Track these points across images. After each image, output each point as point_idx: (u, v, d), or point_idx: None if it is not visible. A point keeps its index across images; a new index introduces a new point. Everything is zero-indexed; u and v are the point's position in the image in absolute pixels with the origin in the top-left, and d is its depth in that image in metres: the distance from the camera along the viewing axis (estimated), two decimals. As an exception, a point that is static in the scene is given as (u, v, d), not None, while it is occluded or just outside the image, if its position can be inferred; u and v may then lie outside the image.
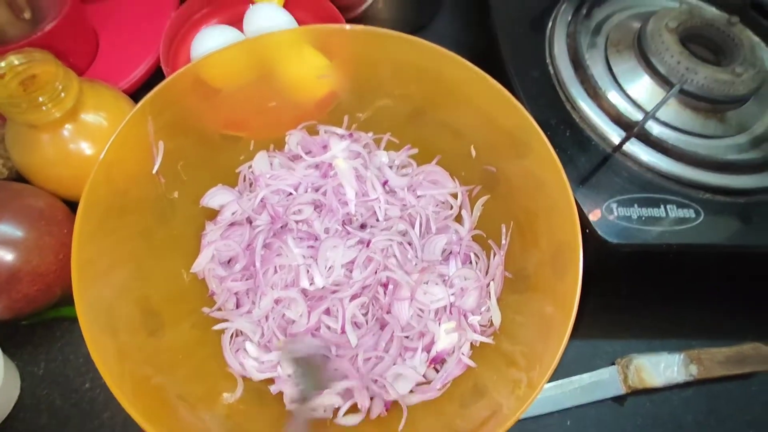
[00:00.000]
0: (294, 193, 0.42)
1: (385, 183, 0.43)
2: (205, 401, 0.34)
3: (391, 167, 0.45)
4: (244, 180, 0.44)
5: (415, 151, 0.45)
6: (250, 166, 0.44)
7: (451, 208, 0.44)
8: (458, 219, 0.44)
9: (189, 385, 0.34)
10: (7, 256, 0.37)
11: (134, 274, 0.35)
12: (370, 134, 0.45)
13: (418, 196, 0.43)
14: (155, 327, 0.34)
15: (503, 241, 0.40)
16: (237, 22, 0.52)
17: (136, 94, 0.51)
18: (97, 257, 0.32)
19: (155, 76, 0.53)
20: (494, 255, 0.40)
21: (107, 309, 0.32)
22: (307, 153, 0.44)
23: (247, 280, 0.40)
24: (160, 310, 0.36)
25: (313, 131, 0.45)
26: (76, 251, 0.31)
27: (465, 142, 0.41)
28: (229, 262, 0.42)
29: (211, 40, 0.49)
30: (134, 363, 0.31)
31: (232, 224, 0.42)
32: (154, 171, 0.37)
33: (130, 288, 0.34)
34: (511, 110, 0.36)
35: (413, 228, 0.41)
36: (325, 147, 0.44)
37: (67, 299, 0.42)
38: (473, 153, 0.41)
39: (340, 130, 0.45)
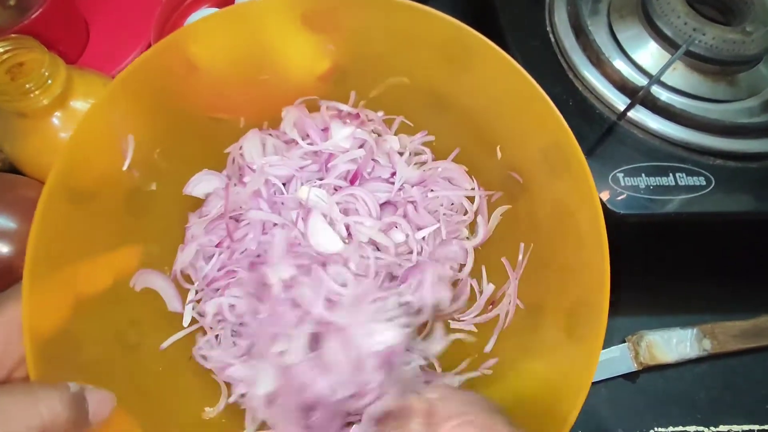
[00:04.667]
0: (284, 191, 0.37)
1: (392, 174, 0.38)
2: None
3: (401, 154, 0.39)
4: (233, 162, 0.39)
5: (431, 138, 0.40)
6: (240, 147, 0.39)
7: (466, 213, 0.38)
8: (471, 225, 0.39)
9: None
10: (2, 247, 0.37)
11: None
12: (380, 113, 0.39)
13: (430, 193, 0.38)
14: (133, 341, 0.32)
15: (520, 258, 0.34)
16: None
17: (128, 82, 0.50)
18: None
19: (148, 63, 0.52)
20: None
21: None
22: (305, 137, 0.39)
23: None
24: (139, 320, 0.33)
25: (314, 108, 0.39)
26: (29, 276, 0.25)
27: (490, 140, 0.35)
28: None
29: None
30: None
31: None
32: (124, 168, 0.32)
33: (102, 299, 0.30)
34: (547, 118, 0.30)
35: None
36: (325, 130, 0.38)
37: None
38: (498, 155, 0.35)
39: (344, 107, 0.39)
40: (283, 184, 0.38)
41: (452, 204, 0.38)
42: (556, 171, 0.30)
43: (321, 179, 0.38)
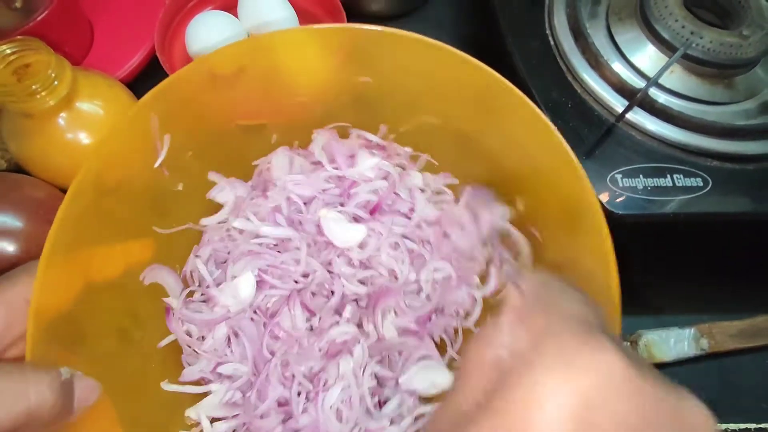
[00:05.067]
0: (303, 210, 0.38)
1: (411, 210, 0.39)
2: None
3: (423, 191, 0.40)
4: (260, 175, 0.40)
5: (455, 181, 0.40)
6: (269, 162, 0.39)
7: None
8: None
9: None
10: (8, 246, 0.37)
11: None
12: (408, 149, 0.40)
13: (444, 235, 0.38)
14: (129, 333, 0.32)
15: None
16: (232, 8, 0.52)
17: (133, 82, 0.51)
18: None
19: (151, 64, 0.52)
20: None
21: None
22: (331, 161, 0.39)
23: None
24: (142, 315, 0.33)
25: (344, 134, 0.40)
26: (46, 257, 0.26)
27: (512, 190, 0.35)
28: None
29: (206, 26, 0.49)
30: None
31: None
32: (156, 165, 0.33)
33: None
34: (568, 171, 0.30)
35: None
36: (352, 157, 0.39)
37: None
38: (520, 207, 0.35)
39: (373, 138, 0.39)
40: (305, 204, 0.38)
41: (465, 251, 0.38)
42: (574, 229, 0.30)
43: (342, 204, 0.39)
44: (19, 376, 0.20)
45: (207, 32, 0.48)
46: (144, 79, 0.52)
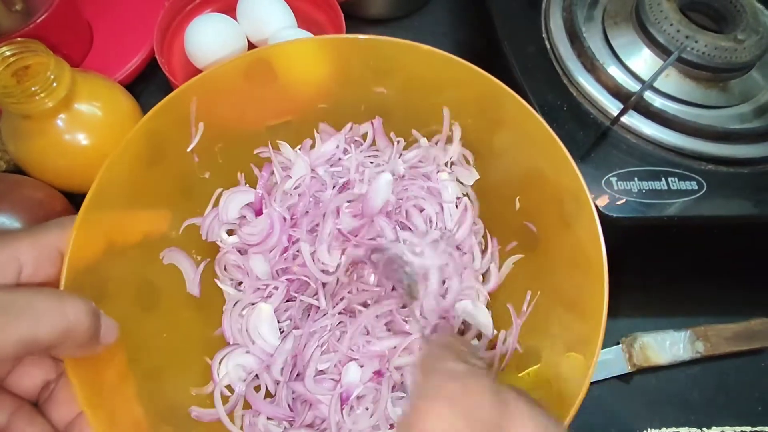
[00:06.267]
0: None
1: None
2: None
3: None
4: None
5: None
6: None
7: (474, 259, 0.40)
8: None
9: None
10: (7, 247, 0.38)
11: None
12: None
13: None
14: (150, 299, 0.34)
15: (524, 311, 0.35)
16: (231, 11, 0.52)
17: (132, 84, 0.51)
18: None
19: (150, 66, 0.52)
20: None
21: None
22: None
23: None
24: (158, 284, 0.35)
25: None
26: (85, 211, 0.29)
27: (511, 190, 0.37)
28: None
29: (204, 29, 0.49)
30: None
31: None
32: (189, 149, 0.36)
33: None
34: (563, 167, 0.31)
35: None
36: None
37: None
38: (517, 205, 0.37)
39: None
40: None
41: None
42: (569, 221, 0.31)
43: None
44: (59, 298, 0.22)
45: (206, 35, 0.49)
46: (142, 81, 0.53)
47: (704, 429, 0.42)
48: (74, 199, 0.43)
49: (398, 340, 0.35)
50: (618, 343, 0.44)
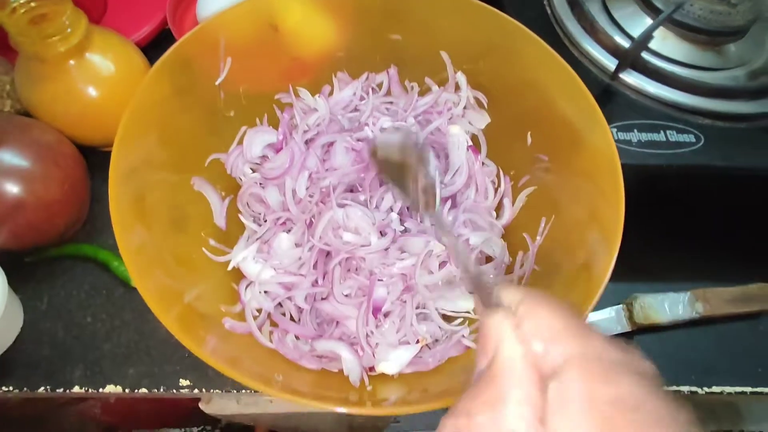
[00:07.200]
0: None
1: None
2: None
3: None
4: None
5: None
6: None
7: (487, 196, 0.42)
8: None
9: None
10: (14, 185, 0.38)
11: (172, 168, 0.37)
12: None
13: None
14: (181, 222, 0.36)
15: (538, 239, 0.37)
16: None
17: (143, 51, 0.52)
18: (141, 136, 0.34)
19: (162, 35, 0.54)
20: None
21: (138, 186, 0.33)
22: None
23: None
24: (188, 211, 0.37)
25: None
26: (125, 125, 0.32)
27: (523, 126, 0.39)
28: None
29: (216, -3, 0.51)
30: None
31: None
32: (217, 83, 0.38)
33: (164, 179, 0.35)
34: (576, 95, 0.33)
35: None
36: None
37: (70, 237, 0.43)
38: (529, 140, 0.39)
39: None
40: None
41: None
42: (581, 140, 0.33)
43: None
44: None
45: (219, 1, 0.50)
46: (154, 48, 0.54)
47: (704, 388, 0.42)
48: (83, 150, 0.43)
49: (414, 259, 0.36)
50: (619, 303, 0.44)
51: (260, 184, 0.41)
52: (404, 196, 0.32)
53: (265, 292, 0.37)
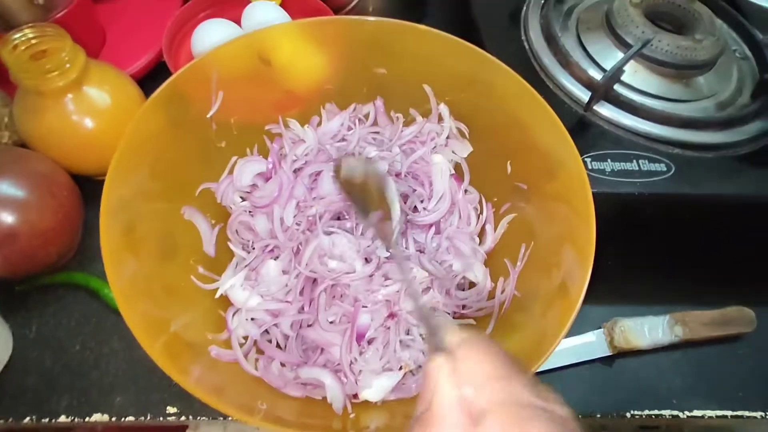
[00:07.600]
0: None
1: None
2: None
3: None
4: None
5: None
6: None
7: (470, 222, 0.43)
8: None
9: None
10: (9, 214, 0.39)
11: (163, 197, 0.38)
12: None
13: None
14: (171, 251, 0.37)
15: (519, 264, 0.39)
16: (236, 22, 0.56)
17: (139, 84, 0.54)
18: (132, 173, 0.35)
19: (157, 69, 0.56)
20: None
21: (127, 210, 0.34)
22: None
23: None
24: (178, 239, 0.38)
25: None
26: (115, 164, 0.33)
27: (503, 156, 0.41)
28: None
29: (211, 31, 0.53)
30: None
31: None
32: (209, 115, 0.40)
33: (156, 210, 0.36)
34: (550, 127, 0.36)
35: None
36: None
37: (62, 265, 0.44)
38: (509, 169, 0.41)
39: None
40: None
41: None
42: (556, 167, 0.36)
43: None
44: None
45: (212, 36, 0.52)
46: (149, 81, 0.56)
47: (686, 412, 0.42)
48: (77, 179, 0.45)
49: (398, 285, 0.37)
50: (600, 327, 0.45)
51: (249, 212, 0.42)
52: (363, 219, 0.34)
53: (252, 319, 0.37)
